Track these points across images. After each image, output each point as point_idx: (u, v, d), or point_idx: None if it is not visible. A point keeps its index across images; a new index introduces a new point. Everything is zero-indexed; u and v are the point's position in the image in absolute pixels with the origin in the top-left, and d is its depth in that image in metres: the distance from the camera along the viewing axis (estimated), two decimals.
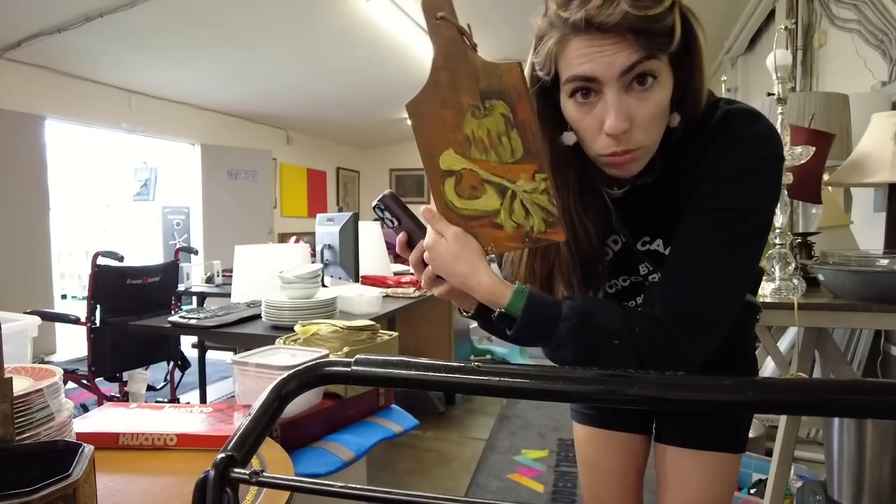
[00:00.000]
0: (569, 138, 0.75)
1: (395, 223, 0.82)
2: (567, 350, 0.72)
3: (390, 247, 3.86)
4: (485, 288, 0.74)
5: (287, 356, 1.22)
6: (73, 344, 4.10)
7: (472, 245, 0.75)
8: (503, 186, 0.72)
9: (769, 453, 2.02)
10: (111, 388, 2.94)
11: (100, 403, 2.59)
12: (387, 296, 2.60)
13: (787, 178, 1.57)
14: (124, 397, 2.88)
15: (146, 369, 2.94)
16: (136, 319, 2.40)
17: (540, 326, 0.73)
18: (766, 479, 1.85)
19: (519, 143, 0.70)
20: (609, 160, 0.71)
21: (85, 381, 2.70)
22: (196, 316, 2.06)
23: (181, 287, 3.29)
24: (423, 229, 0.79)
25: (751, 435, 1.75)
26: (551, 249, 0.82)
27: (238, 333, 1.96)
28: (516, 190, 0.72)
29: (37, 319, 1.09)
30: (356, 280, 2.61)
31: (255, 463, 0.86)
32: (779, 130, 1.98)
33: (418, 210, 0.77)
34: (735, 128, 0.70)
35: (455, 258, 0.75)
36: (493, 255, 0.80)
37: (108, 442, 0.93)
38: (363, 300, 2.20)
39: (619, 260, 0.85)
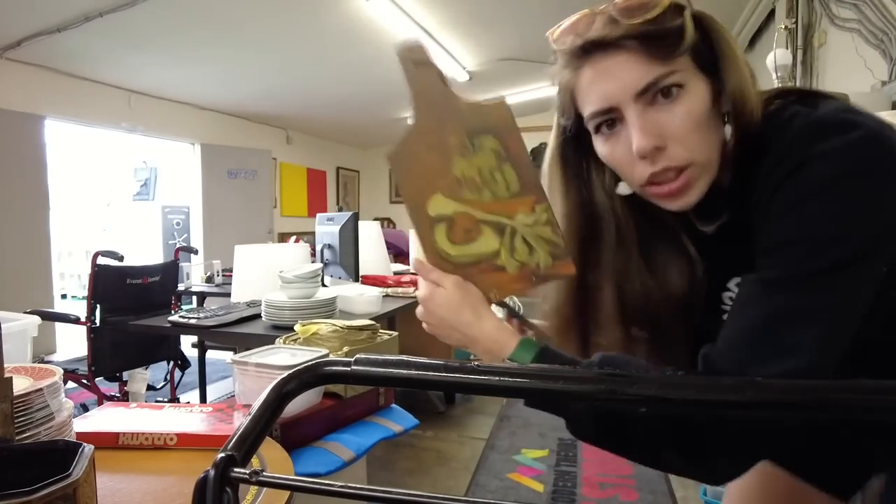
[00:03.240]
0: (624, 188, 0.68)
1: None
2: (587, 425, 0.59)
3: (390, 246, 3.86)
4: (490, 335, 0.67)
5: (287, 356, 1.22)
6: (73, 344, 4.09)
7: (473, 292, 0.69)
8: (501, 224, 0.68)
9: None
10: (111, 388, 2.94)
11: (100, 403, 2.59)
12: (387, 295, 2.60)
13: None
14: (124, 397, 2.88)
15: (146, 369, 2.93)
16: (136, 319, 2.40)
17: (554, 404, 0.62)
18: None
19: (514, 177, 0.66)
20: (658, 190, 0.61)
21: (85, 381, 2.69)
22: (196, 316, 2.06)
23: (181, 287, 3.29)
24: None
25: None
26: (595, 308, 0.72)
27: (238, 333, 1.96)
28: (516, 226, 0.68)
29: (37, 319, 1.09)
30: (356, 280, 2.61)
31: (255, 462, 0.86)
32: None
33: None
34: (798, 148, 0.55)
35: (458, 306, 0.68)
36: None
37: (108, 442, 0.93)
38: (363, 300, 2.21)
39: None
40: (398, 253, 4.63)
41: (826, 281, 0.52)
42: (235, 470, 0.35)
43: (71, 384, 2.87)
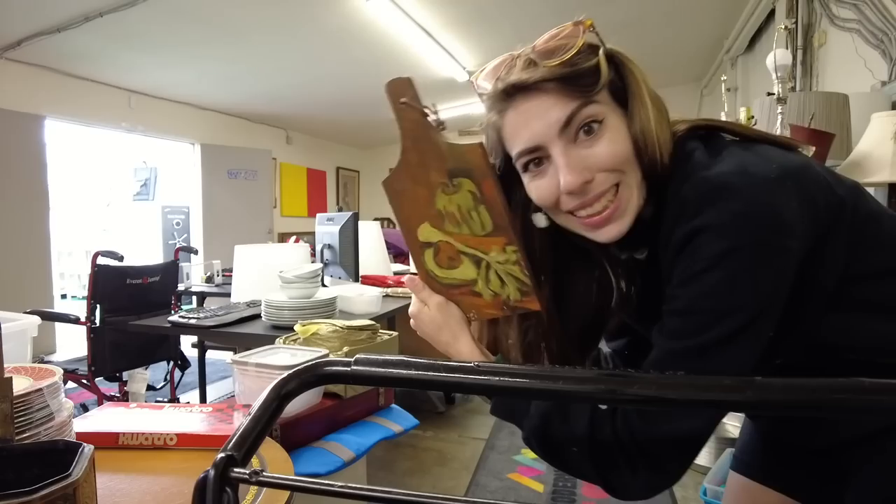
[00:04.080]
0: (539, 220, 0.72)
1: None
2: (535, 448, 0.68)
3: (390, 246, 3.86)
4: (464, 356, 0.75)
5: (287, 356, 1.22)
6: (73, 344, 4.10)
7: (454, 314, 0.77)
8: (478, 257, 0.74)
9: None
10: (111, 388, 2.94)
11: (100, 403, 2.59)
12: (387, 295, 2.60)
13: None
14: (124, 397, 2.88)
15: (146, 369, 2.94)
16: (136, 319, 2.40)
17: (510, 416, 0.71)
18: None
19: (488, 218, 0.71)
20: (588, 221, 0.65)
21: (85, 381, 2.69)
22: (196, 316, 2.06)
23: (181, 287, 3.29)
24: None
25: None
26: (537, 324, 0.79)
27: (238, 333, 1.96)
28: (490, 261, 0.73)
29: (37, 319, 1.09)
30: (356, 280, 2.61)
31: (255, 462, 0.86)
32: (777, 130, 1.98)
33: None
34: (695, 212, 0.58)
35: (438, 327, 0.77)
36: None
37: (108, 442, 0.93)
38: (363, 300, 2.20)
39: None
40: (398, 253, 4.63)
41: (723, 349, 0.58)
42: (235, 470, 0.35)
43: (71, 384, 2.87)
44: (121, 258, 2.79)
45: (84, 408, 2.91)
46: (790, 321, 0.62)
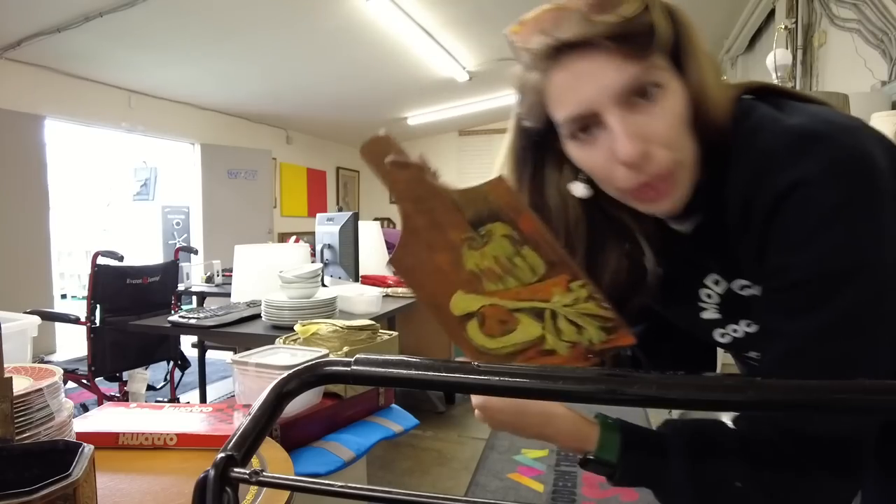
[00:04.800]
0: (577, 189, 0.64)
1: None
2: (683, 500, 0.58)
3: (390, 246, 3.86)
4: (568, 433, 0.62)
5: (287, 356, 1.22)
6: (73, 344, 4.09)
7: None
8: (538, 309, 0.61)
9: None
10: (111, 388, 2.94)
11: (100, 403, 2.59)
12: (387, 295, 2.60)
13: None
14: (124, 397, 2.88)
15: (146, 369, 2.94)
16: (136, 319, 2.40)
17: (642, 474, 0.59)
18: None
19: (536, 259, 0.60)
20: (642, 197, 0.59)
21: (85, 381, 2.70)
22: (196, 316, 2.06)
23: (181, 287, 3.29)
24: None
25: None
26: None
27: (238, 333, 1.96)
28: (555, 308, 0.60)
29: (37, 319, 1.09)
30: (356, 280, 2.61)
31: (255, 462, 0.86)
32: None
33: None
34: (784, 163, 0.52)
35: (520, 410, 0.63)
36: None
37: (108, 442, 0.93)
38: (363, 300, 2.21)
39: (728, 304, 0.67)
40: None
41: (864, 314, 0.51)
42: (235, 470, 0.35)
43: (71, 384, 2.87)
44: (121, 258, 2.80)
45: (84, 408, 2.91)
46: None
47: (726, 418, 0.59)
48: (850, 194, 0.50)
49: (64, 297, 7.69)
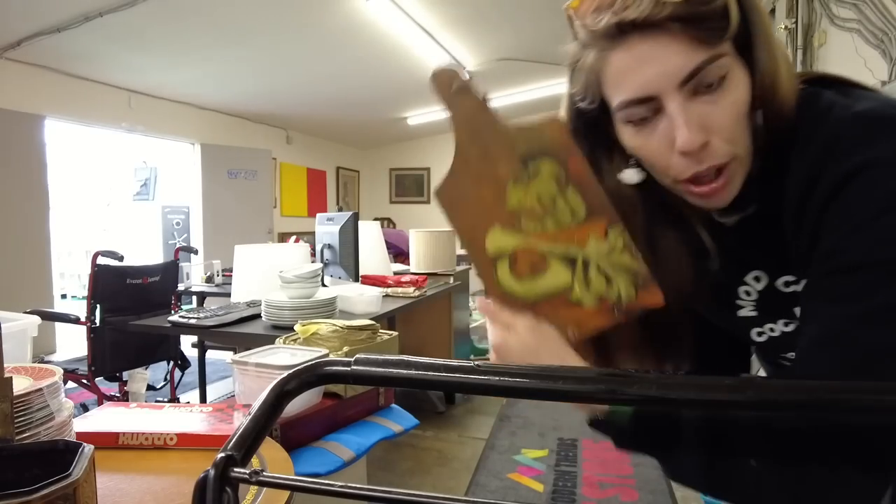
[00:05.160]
0: (630, 176, 0.62)
1: None
2: (692, 474, 0.56)
3: (390, 246, 3.86)
4: None
5: (287, 356, 1.22)
6: (73, 343, 4.10)
7: (550, 334, 0.61)
8: (570, 256, 0.60)
9: None
10: (111, 388, 2.94)
11: (100, 403, 2.59)
12: (387, 295, 2.60)
13: None
14: (124, 397, 2.88)
15: (146, 369, 2.94)
16: (136, 319, 2.40)
17: (652, 441, 0.57)
18: None
19: (579, 202, 0.60)
20: (698, 189, 0.57)
21: (85, 381, 2.70)
22: (196, 315, 2.06)
23: (181, 287, 3.29)
24: None
25: None
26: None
27: (238, 333, 1.96)
28: (588, 256, 0.60)
29: (37, 319, 1.09)
30: (356, 280, 2.61)
31: (255, 462, 0.86)
32: None
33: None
34: (850, 149, 0.50)
35: (534, 355, 0.60)
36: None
37: (108, 442, 0.93)
38: (363, 300, 2.21)
39: (766, 301, 0.64)
40: (398, 253, 4.63)
41: None
42: (235, 470, 0.35)
43: (71, 384, 2.87)
44: (121, 258, 2.80)
45: (84, 408, 2.92)
46: None
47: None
48: None
49: (64, 297, 7.69)
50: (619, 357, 0.69)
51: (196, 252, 4.05)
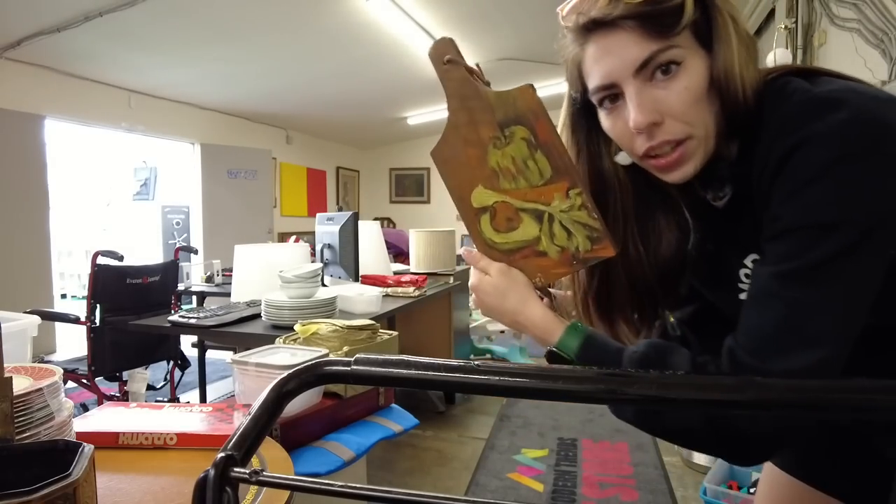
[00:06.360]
0: (623, 157, 0.70)
1: None
2: (625, 411, 0.64)
3: (390, 246, 3.86)
4: (536, 323, 0.70)
5: (287, 355, 1.22)
6: (72, 343, 4.10)
7: (518, 278, 0.72)
8: (538, 211, 0.70)
9: None
10: (111, 388, 2.94)
11: (100, 403, 2.59)
12: (387, 295, 2.60)
13: None
14: (124, 397, 2.88)
15: (146, 369, 2.94)
16: (136, 319, 2.40)
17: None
18: None
19: (546, 164, 0.69)
20: (655, 163, 0.64)
21: (85, 381, 2.70)
22: (196, 315, 2.06)
23: (181, 286, 3.29)
24: None
25: None
26: (613, 282, 0.75)
27: (238, 333, 1.96)
28: (552, 212, 0.70)
29: (37, 319, 1.09)
30: (356, 279, 2.61)
31: (254, 462, 0.86)
32: None
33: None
34: (798, 125, 0.55)
35: (502, 294, 0.72)
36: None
37: (108, 441, 0.93)
38: (363, 299, 2.20)
39: None
40: (398, 253, 4.63)
41: (835, 268, 0.54)
42: (235, 470, 0.35)
43: (71, 384, 2.87)
44: (121, 258, 2.79)
45: (84, 407, 2.92)
46: None
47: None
48: (848, 152, 0.52)
49: (64, 296, 7.68)
50: (597, 314, 0.78)
51: (196, 252, 4.05)
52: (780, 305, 0.56)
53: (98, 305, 2.68)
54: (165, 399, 3.09)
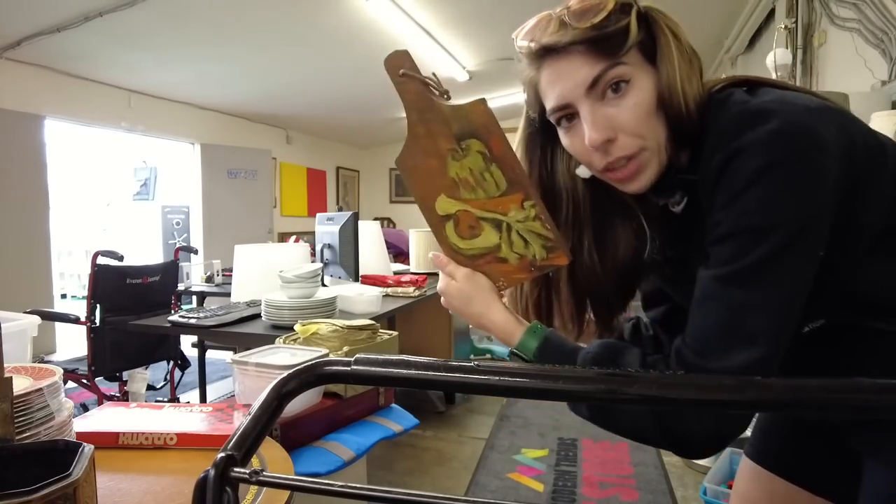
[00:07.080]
0: (583, 171, 0.73)
1: None
2: (581, 407, 0.67)
3: (390, 246, 3.86)
4: (498, 325, 0.74)
5: (287, 355, 1.22)
6: (72, 343, 4.10)
7: (482, 283, 0.76)
8: (497, 220, 0.73)
9: None
10: (111, 388, 2.94)
11: (100, 403, 2.59)
12: (387, 295, 2.60)
13: None
14: (124, 397, 2.88)
15: (146, 369, 2.94)
16: (136, 319, 2.40)
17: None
18: None
19: (501, 176, 0.71)
20: (613, 175, 0.67)
21: (85, 381, 2.70)
22: (196, 315, 2.06)
23: (181, 286, 3.29)
24: None
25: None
26: (553, 287, 0.80)
27: (238, 333, 1.96)
28: (510, 222, 0.73)
29: (37, 319, 1.09)
30: (356, 279, 2.61)
31: (255, 462, 0.86)
32: None
33: None
34: (734, 136, 0.59)
35: (467, 298, 0.76)
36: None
37: (108, 441, 0.93)
38: (363, 299, 2.20)
39: None
40: (398, 253, 4.62)
41: (768, 270, 0.57)
42: (235, 470, 0.35)
43: (71, 384, 2.87)
44: (121, 258, 2.79)
45: (84, 408, 2.91)
46: (833, 262, 0.60)
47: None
48: (777, 160, 0.56)
49: (64, 296, 7.68)
50: (554, 314, 0.83)
51: (196, 252, 4.05)
52: (720, 307, 0.60)
53: (98, 305, 2.68)
54: (165, 399, 3.09)
